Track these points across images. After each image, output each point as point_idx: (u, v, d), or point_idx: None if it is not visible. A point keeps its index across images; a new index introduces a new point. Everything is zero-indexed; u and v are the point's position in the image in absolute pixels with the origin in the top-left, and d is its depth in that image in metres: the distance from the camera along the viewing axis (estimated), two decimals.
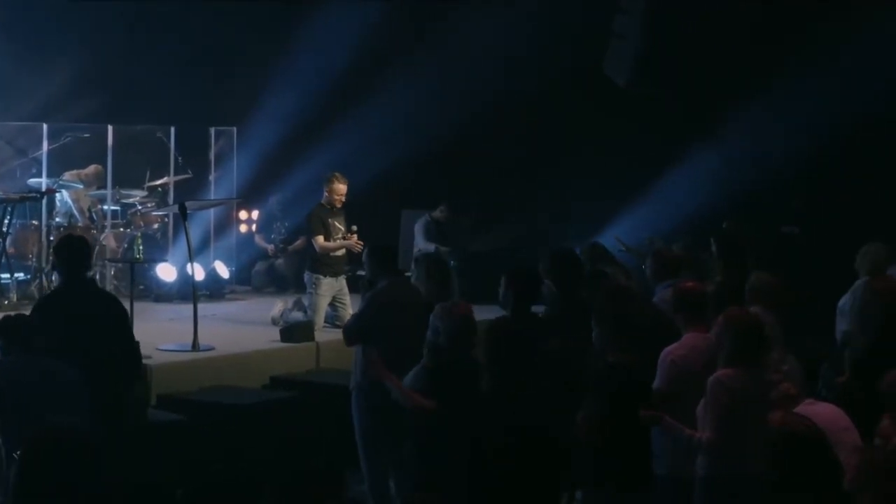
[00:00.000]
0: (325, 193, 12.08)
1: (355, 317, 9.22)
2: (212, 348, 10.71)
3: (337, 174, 12.12)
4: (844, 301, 9.71)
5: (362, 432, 8.70)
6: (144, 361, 9.62)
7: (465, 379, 7.03)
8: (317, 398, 10.23)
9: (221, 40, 15.54)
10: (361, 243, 11.65)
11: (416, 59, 15.18)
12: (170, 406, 9.65)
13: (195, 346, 10.58)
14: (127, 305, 10.32)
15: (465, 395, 6.97)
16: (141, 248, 14.05)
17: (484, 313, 10.52)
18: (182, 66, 15.52)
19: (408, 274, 9.48)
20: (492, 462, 6.86)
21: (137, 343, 8.74)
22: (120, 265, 14.03)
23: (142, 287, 14.04)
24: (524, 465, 6.81)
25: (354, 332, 8.81)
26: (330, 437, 9.42)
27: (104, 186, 14.83)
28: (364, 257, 9.16)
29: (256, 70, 15.86)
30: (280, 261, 15.38)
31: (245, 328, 12.32)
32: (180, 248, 13.99)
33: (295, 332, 11.29)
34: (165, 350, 10.51)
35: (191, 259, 11.30)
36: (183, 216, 11.29)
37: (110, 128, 14.88)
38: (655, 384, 6.90)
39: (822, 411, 6.83)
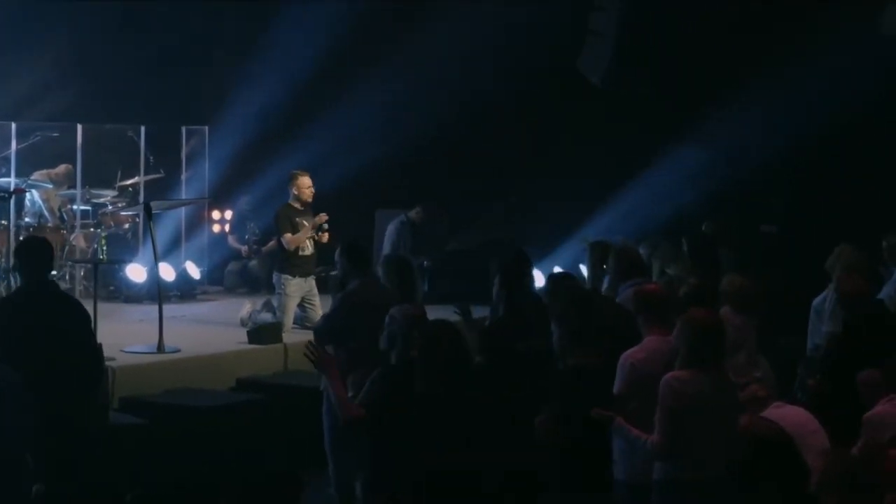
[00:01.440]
0: (293, 192, 11.95)
1: (325, 317, 9.09)
2: (178, 350, 10.60)
3: (298, 171, 12.04)
4: (820, 300, 9.61)
5: (331, 434, 8.58)
6: (107, 363, 9.49)
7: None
8: (284, 400, 10.16)
9: (193, 39, 15.40)
10: (325, 215, 11.75)
11: (390, 59, 15.07)
12: (132, 409, 9.53)
13: (160, 347, 10.45)
14: (91, 306, 10.30)
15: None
16: (105, 248, 13.90)
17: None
18: (153, 65, 15.39)
19: None
20: (478, 462, 6.75)
21: (100, 345, 8.61)
22: (89, 265, 13.86)
23: (112, 288, 13.94)
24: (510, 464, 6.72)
25: (325, 332, 8.68)
26: (297, 439, 9.33)
27: (74, 186, 14.66)
28: (336, 256, 9.03)
29: (228, 68, 15.73)
30: (254, 262, 15.24)
31: (213, 329, 12.18)
32: (150, 248, 13.82)
33: (263, 333, 11.17)
34: (130, 352, 10.36)
35: (156, 259, 11.17)
36: (148, 216, 11.19)
37: (80, 127, 14.69)
38: (615, 388, 6.79)
39: (790, 414, 6.74)
